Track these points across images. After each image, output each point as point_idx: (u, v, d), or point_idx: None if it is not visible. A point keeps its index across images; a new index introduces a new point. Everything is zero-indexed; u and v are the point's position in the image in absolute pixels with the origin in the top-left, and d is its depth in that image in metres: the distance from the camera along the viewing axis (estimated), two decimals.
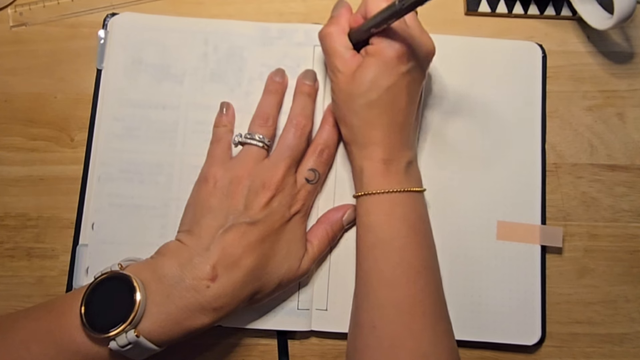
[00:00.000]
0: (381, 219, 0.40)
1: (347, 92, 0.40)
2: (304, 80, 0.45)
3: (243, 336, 0.44)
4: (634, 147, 0.48)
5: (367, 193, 0.40)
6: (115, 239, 0.44)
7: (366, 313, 0.38)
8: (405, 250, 0.39)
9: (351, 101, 0.40)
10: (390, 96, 0.39)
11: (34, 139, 0.47)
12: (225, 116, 0.45)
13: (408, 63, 0.39)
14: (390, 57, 0.39)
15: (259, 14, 0.49)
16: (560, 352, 0.45)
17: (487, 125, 0.47)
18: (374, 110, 0.40)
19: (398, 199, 0.40)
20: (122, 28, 0.47)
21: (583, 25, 0.49)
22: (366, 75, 0.39)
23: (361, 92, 0.39)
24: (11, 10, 0.49)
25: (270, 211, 0.40)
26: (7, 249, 0.45)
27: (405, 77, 0.39)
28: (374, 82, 0.39)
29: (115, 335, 0.34)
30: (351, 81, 0.40)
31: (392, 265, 0.38)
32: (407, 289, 0.38)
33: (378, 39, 0.39)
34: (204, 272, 0.37)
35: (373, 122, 0.40)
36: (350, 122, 0.41)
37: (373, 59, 0.39)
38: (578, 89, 0.48)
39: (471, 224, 0.45)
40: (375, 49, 0.39)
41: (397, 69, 0.39)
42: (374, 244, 0.39)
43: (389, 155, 0.40)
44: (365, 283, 0.39)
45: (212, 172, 0.41)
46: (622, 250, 0.46)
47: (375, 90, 0.39)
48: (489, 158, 0.46)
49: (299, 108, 0.43)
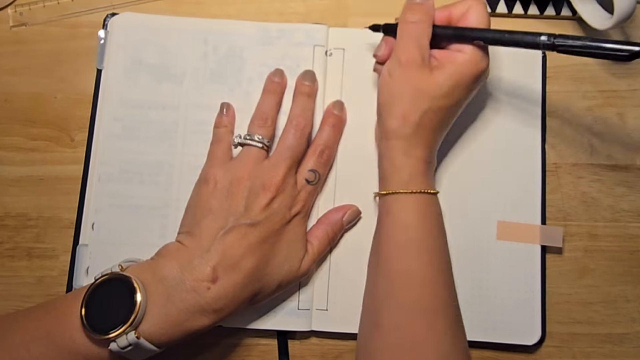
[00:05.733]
0: (417, 217, 0.39)
1: (419, 88, 0.39)
2: (303, 80, 0.45)
3: (243, 336, 0.44)
4: (634, 147, 0.48)
5: (405, 192, 0.39)
6: (115, 239, 0.44)
7: (389, 314, 0.38)
8: (436, 251, 0.39)
9: (420, 97, 0.39)
10: (456, 108, 0.40)
11: (34, 139, 0.47)
12: (226, 117, 0.45)
13: (480, 82, 0.40)
14: (475, 73, 0.39)
15: (259, 14, 0.49)
16: (560, 352, 0.45)
17: (487, 125, 0.47)
18: (439, 115, 0.39)
19: (432, 200, 0.40)
20: (122, 28, 0.47)
21: (583, 25, 0.49)
22: (448, 81, 0.39)
23: (436, 95, 0.39)
24: (11, 10, 0.49)
25: (271, 212, 0.39)
26: (7, 249, 0.45)
27: (471, 94, 0.41)
28: (452, 91, 0.39)
29: (115, 337, 0.34)
30: (428, 79, 0.39)
31: (422, 265, 0.38)
32: (435, 289, 0.38)
33: (469, 48, 0.39)
34: (204, 274, 0.37)
35: (433, 125, 0.40)
36: (410, 117, 0.39)
37: (460, 68, 0.39)
38: (578, 89, 0.48)
39: (471, 224, 0.45)
40: (465, 60, 0.39)
41: (472, 86, 0.39)
42: (406, 242, 0.39)
43: (431, 158, 0.41)
44: (391, 283, 0.38)
45: (213, 173, 0.41)
46: (622, 250, 0.46)
47: (450, 98, 0.39)
48: (489, 158, 0.46)
49: (298, 109, 0.43)
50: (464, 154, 0.46)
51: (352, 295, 0.43)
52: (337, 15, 0.49)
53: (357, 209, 0.45)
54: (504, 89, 0.47)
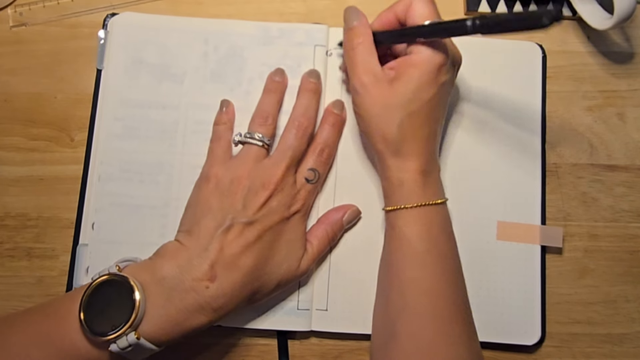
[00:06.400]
0: (421, 230, 0.39)
1: (384, 103, 0.39)
2: (309, 78, 0.45)
3: (243, 336, 0.44)
4: (634, 147, 0.48)
5: (407, 206, 0.39)
6: (115, 238, 0.44)
7: (404, 324, 0.38)
8: (444, 259, 0.39)
9: (389, 113, 0.39)
10: (430, 106, 0.39)
11: (34, 139, 0.47)
12: (225, 114, 0.45)
13: (447, 74, 0.39)
14: (433, 68, 0.38)
15: (259, 14, 0.49)
16: (560, 352, 0.45)
17: (487, 125, 0.47)
18: (416, 121, 0.39)
19: (435, 210, 0.40)
20: (122, 28, 0.47)
21: (583, 25, 0.49)
22: (408, 86, 0.38)
23: (402, 103, 0.38)
24: (11, 10, 0.49)
25: (269, 211, 0.39)
26: (7, 249, 0.45)
27: (443, 87, 0.39)
28: (416, 93, 0.38)
29: (116, 338, 0.34)
30: (389, 92, 0.39)
31: (431, 274, 0.38)
32: (447, 296, 0.38)
33: (419, 47, 0.38)
34: (203, 272, 0.37)
35: (414, 133, 0.39)
36: (390, 135, 0.39)
37: (415, 70, 0.38)
38: (578, 89, 0.48)
39: (471, 224, 0.45)
40: (417, 60, 0.38)
41: (437, 80, 0.38)
42: (413, 254, 0.39)
43: (427, 166, 0.40)
44: (403, 294, 0.38)
45: (213, 172, 0.41)
46: (622, 250, 0.46)
47: (418, 101, 0.38)
48: (489, 158, 0.46)
49: (302, 108, 0.43)
50: (464, 155, 0.46)
51: (352, 295, 0.43)
52: (337, 15, 0.49)
53: (357, 209, 0.45)
54: (504, 89, 0.47)
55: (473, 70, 0.47)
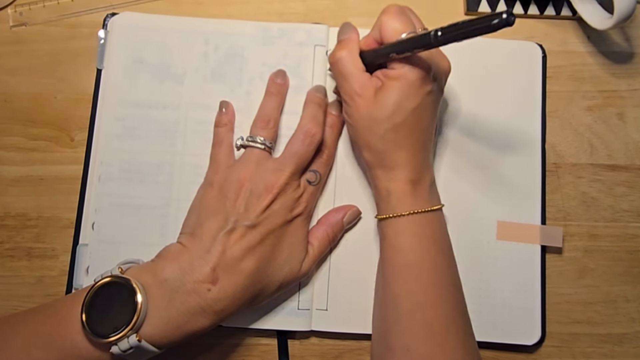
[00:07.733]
0: (411, 241, 0.39)
1: (369, 116, 0.39)
2: (316, 93, 0.44)
3: (243, 336, 0.44)
4: (634, 147, 0.48)
5: (395, 215, 0.39)
6: (115, 238, 0.44)
7: (398, 337, 0.38)
8: (437, 270, 0.39)
9: (375, 125, 0.39)
10: (415, 117, 0.39)
11: (34, 139, 0.47)
12: (225, 115, 0.45)
13: (431, 83, 0.39)
14: (414, 80, 0.38)
15: (259, 14, 0.49)
16: (560, 352, 0.45)
17: (487, 125, 0.47)
18: (400, 132, 0.39)
19: (426, 219, 0.40)
20: (122, 28, 0.47)
21: (583, 25, 0.49)
22: (390, 98, 0.38)
23: (386, 115, 0.38)
24: (11, 10, 0.49)
25: (270, 214, 0.39)
26: (7, 249, 0.45)
27: (428, 97, 0.39)
28: (399, 105, 0.38)
29: (117, 340, 0.34)
30: (373, 105, 0.39)
31: (424, 287, 0.38)
32: (440, 308, 0.38)
33: (399, 63, 0.38)
34: (205, 275, 0.37)
35: (400, 144, 0.39)
36: (375, 146, 0.40)
37: (396, 82, 0.38)
38: (578, 89, 0.48)
39: (471, 224, 0.45)
40: (398, 73, 0.38)
41: (420, 90, 0.38)
42: (404, 266, 0.39)
43: (416, 175, 0.40)
44: (396, 306, 0.38)
45: (217, 178, 0.41)
46: (622, 250, 0.46)
47: (401, 112, 0.38)
48: (489, 158, 0.46)
49: (310, 115, 0.43)
50: (464, 154, 0.46)
51: (352, 295, 0.44)
52: (337, 15, 0.49)
53: (357, 210, 0.45)
54: (504, 89, 0.47)
55: (473, 71, 0.47)
